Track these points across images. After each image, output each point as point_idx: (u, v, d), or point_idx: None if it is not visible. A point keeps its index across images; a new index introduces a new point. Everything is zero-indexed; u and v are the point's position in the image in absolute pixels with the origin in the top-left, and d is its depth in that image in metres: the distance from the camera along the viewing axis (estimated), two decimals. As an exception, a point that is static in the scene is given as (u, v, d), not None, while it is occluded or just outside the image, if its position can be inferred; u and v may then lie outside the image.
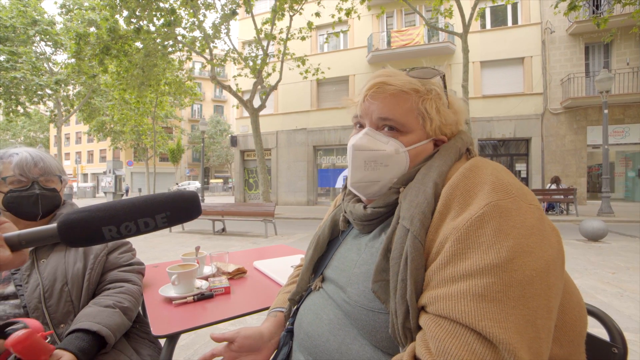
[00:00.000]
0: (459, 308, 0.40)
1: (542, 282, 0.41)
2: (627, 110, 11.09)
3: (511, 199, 0.44)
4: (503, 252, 0.40)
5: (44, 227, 0.41)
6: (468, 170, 0.50)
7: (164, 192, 0.48)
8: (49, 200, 0.99)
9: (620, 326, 0.62)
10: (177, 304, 1.03)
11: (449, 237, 0.44)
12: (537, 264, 0.41)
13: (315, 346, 0.60)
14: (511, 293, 0.39)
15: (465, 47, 8.79)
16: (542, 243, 0.43)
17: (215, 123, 34.01)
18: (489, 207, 0.43)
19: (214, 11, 10.50)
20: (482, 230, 0.42)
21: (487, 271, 0.40)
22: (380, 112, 0.61)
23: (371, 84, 0.61)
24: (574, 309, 0.48)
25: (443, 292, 0.42)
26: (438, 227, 0.48)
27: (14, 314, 0.86)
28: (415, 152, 0.60)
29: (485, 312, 0.38)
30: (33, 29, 14.91)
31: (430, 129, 0.61)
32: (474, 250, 0.42)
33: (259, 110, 11.04)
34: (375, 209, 0.60)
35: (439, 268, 0.44)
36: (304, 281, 0.73)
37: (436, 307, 0.42)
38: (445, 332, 0.40)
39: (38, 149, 1.03)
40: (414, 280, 0.46)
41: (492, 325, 0.38)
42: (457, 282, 0.42)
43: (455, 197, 0.47)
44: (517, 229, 0.42)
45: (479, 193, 0.46)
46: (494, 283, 0.39)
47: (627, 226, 7.37)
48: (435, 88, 0.62)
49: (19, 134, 32.94)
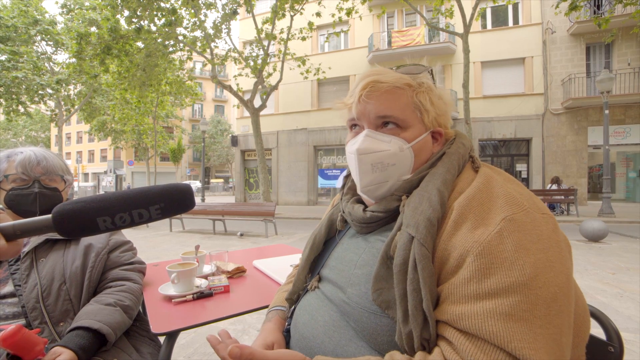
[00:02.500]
0: (488, 328, 0.40)
1: (564, 298, 0.42)
2: (628, 111, 11.06)
3: (524, 211, 0.45)
4: (527, 268, 0.41)
5: (39, 217, 0.41)
6: (482, 184, 0.51)
7: (158, 184, 0.48)
8: (47, 199, 0.99)
9: (620, 326, 0.63)
10: (177, 302, 1.03)
11: (470, 251, 0.44)
12: (558, 279, 0.42)
13: (310, 348, 0.59)
14: (537, 312, 0.40)
15: (466, 47, 8.79)
16: (560, 255, 0.44)
17: (216, 123, 34.01)
18: (505, 222, 0.44)
19: (215, 11, 10.51)
20: (503, 246, 0.43)
21: (513, 289, 0.40)
22: (378, 110, 0.60)
23: (364, 84, 0.61)
24: (580, 315, 0.49)
25: (468, 309, 0.42)
26: (451, 236, 0.47)
27: (12, 313, 0.87)
28: (418, 146, 0.61)
29: (514, 333, 0.39)
30: (34, 29, 14.93)
31: (428, 120, 0.62)
32: (497, 266, 0.42)
33: (259, 110, 11.04)
34: (374, 213, 0.60)
35: (461, 283, 0.44)
36: (301, 280, 0.73)
37: (463, 324, 0.42)
38: (477, 347, 0.41)
39: (40, 147, 1.04)
40: (429, 289, 0.46)
41: (522, 347, 0.38)
42: (482, 300, 0.42)
43: (471, 209, 0.48)
44: (536, 243, 0.43)
45: (493, 207, 0.47)
46: (520, 302, 0.40)
47: (627, 227, 7.35)
48: (426, 81, 0.63)
49: (20, 134, 32.98)
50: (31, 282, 0.90)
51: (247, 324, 2.44)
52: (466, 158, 0.60)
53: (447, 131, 0.66)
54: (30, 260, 0.93)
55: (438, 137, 0.64)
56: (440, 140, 0.64)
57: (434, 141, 0.64)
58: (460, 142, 0.62)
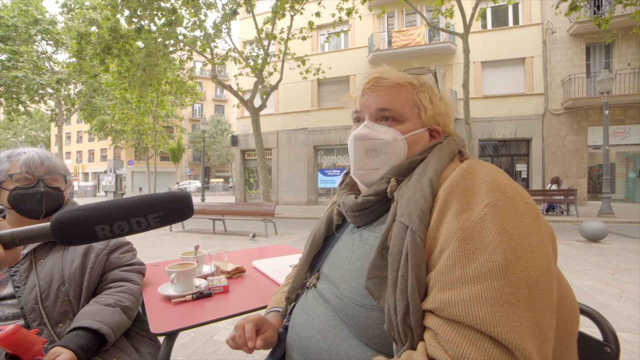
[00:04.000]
0: (473, 314, 0.40)
1: (545, 282, 0.42)
2: (628, 111, 11.06)
3: (507, 199, 0.46)
4: (509, 252, 0.42)
5: (37, 225, 0.41)
6: (465, 171, 0.51)
7: (157, 192, 0.49)
8: (52, 199, 0.99)
9: (619, 327, 0.63)
10: (176, 303, 1.03)
11: (453, 238, 0.45)
12: (539, 263, 0.42)
13: (306, 347, 0.61)
14: (520, 295, 0.40)
15: (466, 47, 8.79)
16: (542, 242, 0.45)
17: (216, 122, 34.01)
18: (489, 208, 0.45)
19: (215, 11, 10.50)
20: (486, 231, 0.43)
21: (496, 273, 0.41)
22: (379, 103, 0.65)
23: (369, 79, 0.66)
24: (567, 308, 0.49)
25: (454, 295, 0.43)
26: (439, 225, 0.48)
27: (12, 314, 0.87)
28: (412, 139, 0.64)
29: (499, 317, 0.39)
30: (34, 28, 14.94)
31: (425, 117, 0.66)
32: (480, 251, 0.43)
33: (259, 109, 11.04)
34: (365, 197, 0.63)
35: (446, 269, 0.44)
36: (300, 278, 0.74)
37: (449, 311, 0.42)
38: (461, 337, 0.41)
39: (39, 147, 1.04)
40: (416, 277, 0.47)
41: (508, 331, 0.38)
42: (467, 285, 0.42)
43: (454, 195, 0.49)
44: (518, 229, 0.44)
45: (477, 192, 0.47)
46: (504, 285, 0.40)
47: (627, 227, 7.35)
48: (428, 81, 0.67)
49: (20, 133, 33.01)
50: (30, 284, 0.90)
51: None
52: (456, 152, 0.62)
53: (446, 130, 0.68)
54: (29, 261, 0.94)
55: (436, 135, 0.67)
56: (437, 138, 0.67)
57: (431, 139, 0.67)
58: (452, 139, 0.65)
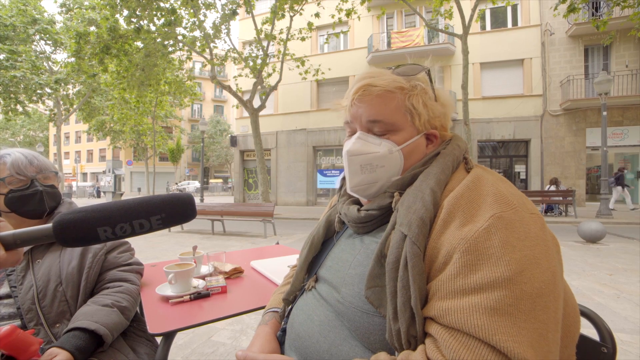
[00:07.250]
0: (472, 322, 0.40)
1: (550, 294, 0.42)
2: (626, 112, 11.11)
3: (513, 210, 0.46)
4: (512, 264, 0.41)
5: (39, 226, 0.41)
6: (471, 182, 0.51)
7: (159, 194, 0.48)
8: (52, 197, 0.99)
9: (617, 328, 0.63)
10: (174, 303, 1.03)
11: (457, 248, 0.45)
12: (544, 275, 0.42)
13: (305, 347, 0.60)
14: (522, 306, 0.40)
15: (465, 48, 8.80)
16: (547, 253, 0.44)
17: (215, 123, 33.97)
18: (493, 219, 0.44)
19: (215, 11, 10.51)
20: (490, 242, 0.43)
21: (498, 284, 0.41)
22: (369, 114, 0.62)
23: (357, 87, 0.62)
24: (570, 315, 0.49)
25: (454, 304, 0.42)
26: (440, 235, 0.48)
27: (8, 314, 0.87)
28: (408, 149, 0.62)
29: (498, 327, 0.39)
30: (33, 28, 14.91)
31: (420, 123, 0.62)
32: (483, 262, 0.42)
33: (258, 110, 11.04)
34: (368, 211, 0.61)
35: (448, 279, 0.44)
36: (298, 281, 0.74)
37: (448, 319, 0.42)
38: (459, 343, 0.41)
39: (37, 147, 1.03)
40: (418, 287, 0.46)
41: (506, 340, 0.38)
42: (468, 295, 0.42)
43: (459, 207, 0.48)
44: (523, 240, 0.43)
45: (482, 204, 0.47)
46: (505, 296, 0.40)
47: (625, 228, 7.37)
48: (420, 83, 0.63)
49: (18, 133, 32.90)
50: (27, 284, 0.89)
51: (244, 324, 2.44)
52: (460, 159, 0.60)
53: (443, 133, 0.65)
54: (26, 261, 0.93)
55: (433, 138, 0.64)
56: (435, 142, 0.65)
57: (428, 143, 0.64)
58: (456, 144, 0.62)
